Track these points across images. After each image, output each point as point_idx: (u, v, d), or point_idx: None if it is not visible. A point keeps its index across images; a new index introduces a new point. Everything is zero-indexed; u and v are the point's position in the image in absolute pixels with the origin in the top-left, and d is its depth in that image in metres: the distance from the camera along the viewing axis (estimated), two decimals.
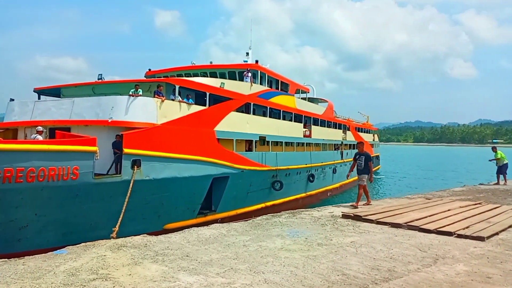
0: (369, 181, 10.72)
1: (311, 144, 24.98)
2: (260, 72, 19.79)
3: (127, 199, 10.69)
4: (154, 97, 12.58)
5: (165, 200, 12.64)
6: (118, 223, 10.16)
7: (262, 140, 18.67)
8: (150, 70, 20.31)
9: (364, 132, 41.97)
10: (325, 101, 31.67)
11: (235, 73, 19.10)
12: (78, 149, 9.99)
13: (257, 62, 19.85)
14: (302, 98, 26.28)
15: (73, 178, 9.90)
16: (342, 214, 8.77)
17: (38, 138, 11.01)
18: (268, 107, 19.37)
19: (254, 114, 18.10)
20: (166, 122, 12.59)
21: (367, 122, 48.47)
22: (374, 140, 47.32)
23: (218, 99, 15.49)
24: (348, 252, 5.80)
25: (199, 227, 7.59)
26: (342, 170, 28.02)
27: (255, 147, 17.84)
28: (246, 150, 17.41)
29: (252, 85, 18.19)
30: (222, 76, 18.86)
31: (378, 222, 7.94)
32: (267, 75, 20.64)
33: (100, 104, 12.15)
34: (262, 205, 18.05)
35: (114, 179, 11.08)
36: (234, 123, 16.10)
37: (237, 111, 16.51)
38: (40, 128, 11.44)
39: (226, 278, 4.59)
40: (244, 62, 20.30)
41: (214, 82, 15.94)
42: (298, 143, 22.92)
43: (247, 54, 22.04)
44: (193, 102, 14.12)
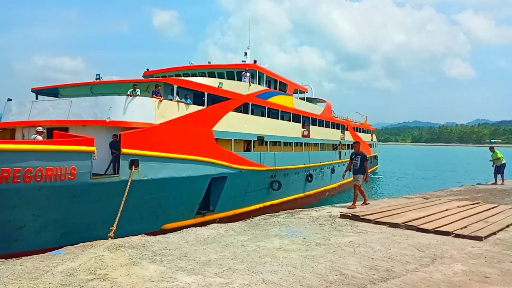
0: (364, 181, 10.63)
1: (310, 144, 24.99)
2: (258, 72, 19.79)
3: (124, 199, 10.68)
4: (152, 97, 12.56)
5: (163, 200, 12.62)
6: (116, 222, 10.15)
7: (261, 140, 18.67)
8: (148, 70, 20.29)
9: (362, 132, 42.02)
10: (323, 101, 31.69)
11: (234, 73, 19.09)
12: (76, 149, 9.97)
13: (255, 62, 19.85)
14: (300, 98, 26.28)
15: (71, 178, 9.88)
16: (340, 214, 8.78)
17: (38, 138, 10.99)
18: (266, 107, 19.37)
19: (252, 114, 18.09)
20: (164, 122, 12.57)
21: (365, 122, 48.53)
22: (372, 140, 47.39)
23: (217, 99, 15.47)
24: (346, 252, 5.81)
25: (197, 227, 7.58)
26: (340, 170, 28.04)
27: (254, 147, 17.83)
28: (245, 150, 17.40)
29: (250, 85, 18.18)
30: (221, 76, 18.85)
31: (376, 222, 7.95)
32: (266, 75, 20.64)
33: (98, 104, 12.13)
34: (261, 205, 18.05)
35: (112, 179, 11.06)
36: (233, 123, 16.09)
37: (235, 111, 16.50)
38: (40, 128, 11.41)
39: (224, 278, 4.59)
40: (242, 62, 20.31)
41: (213, 82, 15.93)
42: (297, 143, 22.93)
43: (246, 54, 22.04)
44: (191, 102, 14.10)
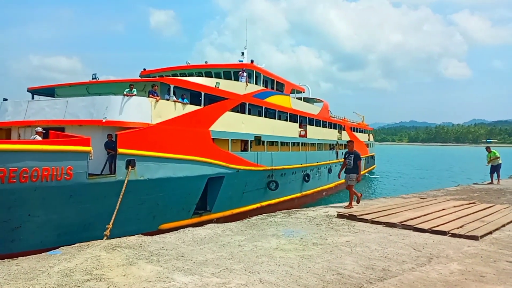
0: (356, 181, 10.38)
1: (307, 144, 25.02)
2: (255, 72, 19.79)
3: (120, 199, 10.65)
4: (149, 96, 12.54)
5: (160, 200, 12.60)
6: (112, 220, 10.16)
7: (258, 140, 18.67)
8: (145, 69, 20.25)
9: (359, 132, 42.12)
10: (320, 101, 31.74)
11: (231, 73, 19.08)
12: (72, 149, 9.93)
13: (252, 62, 19.85)
14: (297, 98, 26.31)
15: (67, 178, 9.84)
16: (337, 214, 8.79)
17: (38, 138, 10.95)
18: (263, 107, 19.37)
19: (249, 114, 18.09)
20: (160, 122, 12.54)
21: (362, 122, 48.64)
22: (369, 140, 47.50)
23: (213, 99, 15.46)
24: (343, 251, 5.81)
25: (194, 227, 7.56)
26: (337, 170, 28.03)
27: (251, 147, 17.83)
28: (242, 150, 17.40)
29: (247, 85, 18.18)
30: (217, 75, 18.84)
31: (373, 222, 7.97)
32: (263, 75, 20.64)
33: (94, 104, 12.08)
34: (258, 205, 18.05)
35: (108, 179, 11.03)
36: (229, 123, 16.08)
37: (232, 111, 16.49)
38: (39, 128, 11.37)
39: (221, 278, 4.58)
40: (239, 62, 20.31)
41: (209, 82, 15.91)
42: (294, 143, 22.95)
43: (243, 54, 22.04)
44: (188, 102, 14.08)
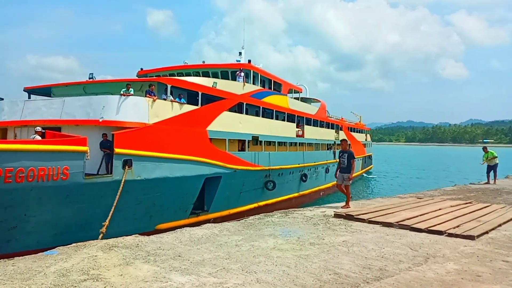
0: (348, 179, 10.20)
1: (304, 144, 25.04)
2: (253, 71, 19.79)
3: (117, 198, 10.63)
4: (146, 96, 12.51)
5: (157, 200, 12.58)
6: (109, 218, 10.21)
7: (255, 140, 18.67)
8: (142, 69, 20.20)
9: (356, 132, 42.19)
10: (317, 101, 31.78)
11: (228, 72, 19.08)
12: (69, 149, 9.90)
13: (249, 61, 19.85)
14: (295, 98, 26.34)
15: (63, 178, 9.81)
16: (334, 214, 8.80)
17: (37, 138, 10.92)
18: (261, 107, 19.38)
19: (247, 113, 18.08)
20: (157, 122, 12.52)
21: (360, 122, 48.73)
22: (366, 140, 47.60)
23: (211, 99, 15.44)
24: (340, 251, 5.82)
25: (191, 227, 7.55)
26: (334, 170, 28.12)
27: (248, 147, 17.83)
28: (239, 150, 17.39)
29: (244, 84, 18.17)
30: (215, 75, 18.83)
31: (370, 222, 7.98)
32: (260, 75, 20.64)
33: (91, 103, 12.04)
34: (255, 205, 18.05)
35: (105, 179, 11.00)
36: (227, 123, 16.07)
37: (229, 111, 16.48)
38: (38, 128, 11.33)
39: (218, 278, 4.58)
40: (237, 61, 20.30)
41: (207, 82, 15.90)
42: (291, 143, 22.97)
43: (240, 53, 22.05)
44: (185, 102, 14.06)
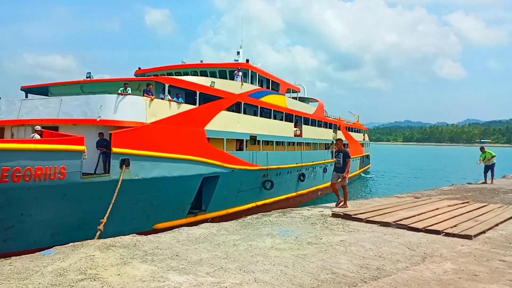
0: (342, 178, 10.06)
1: (302, 143, 25.06)
2: (251, 71, 19.79)
3: (115, 198, 10.62)
4: (144, 95, 12.49)
5: (154, 199, 12.56)
6: (107, 215, 10.27)
7: (253, 139, 18.67)
8: (140, 68, 20.17)
9: (354, 131, 42.24)
10: (315, 100, 31.81)
11: (226, 72, 19.07)
12: (66, 148, 9.87)
13: (248, 61, 19.85)
14: (293, 98, 26.35)
15: (60, 177, 9.78)
16: (332, 213, 8.81)
17: (36, 137, 10.88)
18: (259, 107, 19.38)
19: (244, 113, 18.09)
20: (155, 121, 12.50)
21: (358, 121, 48.81)
22: (364, 139, 47.69)
23: (209, 98, 15.43)
24: (337, 250, 5.83)
25: (189, 227, 7.54)
26: (332, 169, 28.15)
27: (246, 147, 17.83)
28: (237, 150, 17.39)
29: (242, 84, 18.17)
30: (213, 75, 18.81)
31: (367, 221, 7.99)
32: (258, 74, 20.64)
33: (88, 102, 12.02)
34: (253, 204, 18.06)
35: (102, 179, 10.97)
36: (225, 122, 16.06)
37: (227, 110, 16.47)
38: (38, 127, 11.30)
39: (215, 277, 4.57)
40: (235, 61, 20.30)
41: (205, 81, 15.89)
42: (289, 143, 22.98)
43: (238, 53, 22.04)
44: (183, 101, 14.04)
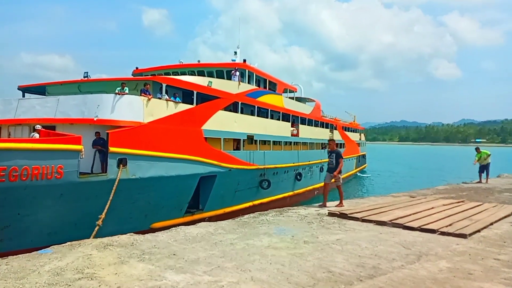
0: (333, 176, 10.04)
1: (299, 143, 25.11)
2: (248, 71, 19.80)
3: (111, 197, 10.61)
4: (141, 95, 12.48)
5: (152, 199, 12.56)
6: (105, 211, 10.32)
7: (250, 139, 18.69)
8: (137, 68, 20.14)
9: (351, 131, 42.35)
10: (312, 100, 31.86)
11: (223, 72, 19.07)
12: (63, 147, 9.86)
13: (245, 61, 19.86)
14: (289, 98, 26.39)
15: (57, 177, 9.77)
16: (328, 212, 8.85)
17: (36, 136, 10.85)
18: (256, 106, 19.40)
19: (242, 113, 18.10)
20: (152, 121, 12.50)
21: (354, 121, 48.93)
22: (360, 139, 47.81)
23: (206, 98, 15.44)
24: (334, 249, 5.86)
25: (187, 226, 7.56)
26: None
27: (243, 146, 17.85)
28: (234, 149, 17.41)
29: (240, 84, 18.18)
30: (210, 75, 18.81)
31: (363, 220, 8.04)
32: (255, 74, 20.66)
33: (85, 102, 12.00)
34: (250, 203, 18.08)
35: (99, 178, 10.96)
36: (222, 122, 16.07)
37: (225, 110, 16.49)
38: (38, 126, 11.28)
39: (213, 276, 4.60)
40: (232, 61, 20.30)
41: (202, 81, 15.89)
42: (286, 142, 23.02)
43: (235, 53, 22.05)
44: (180, 101, 14.05)
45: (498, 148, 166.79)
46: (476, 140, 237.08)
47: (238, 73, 18.38)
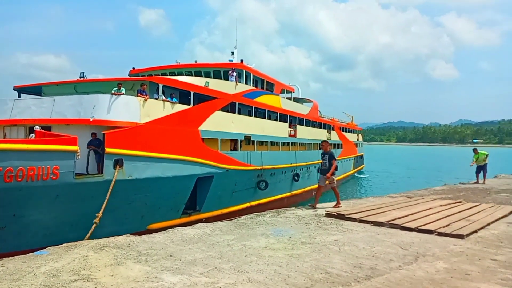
0: (326, 178, 9.98)
1: (296, 143, 25.11)
2: (245, 71, 19.79)
3: (107, 198, 10.57)
4: (137, 96, 12.44)
5: (148, 200, 12.51)
6: (102, 209, 10.27)
7: (247, 139, 18.67)
8: (134, 68, 20.08)
9: (348, 132, 42.41)
10: (310, 101, 31.89)
11: (220, 72, 19.05)
12: (59, 148, 9.80)
13: (242, 61, 19.85)
14: (287, 98, 26.39)
15: (53, 178, 9.71)
16: (326, 213, 8.84)
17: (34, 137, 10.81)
18: (253, 107, 19.38)
19: (239, 113, 18.09)
20: (149, 121, 12.45)
21: (352, 122, 49.01)
22: (358, 140, 47.89)
23: (203, 98, 15.40)
24: (331, 250, 5.85)
25: (183, 227, 7.53)
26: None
27: (240, 147, 17.82)
28: (231, 150, 17.38)
29: (237, 84, 18.16)
30: (207, 75, 18.79)
31: (361, 221, 8.04)
32: (253, 75, 20.65)
33: (82, 102, 11.95)
34: (247, 204, 18.05)
35: (95, 179, 10.91)
36: (219, 123, 16.04)
37: (222, 111, 16.46)
38: (37, 127, 11.22)
39: (210, 277, 4.58)
40: (229, 61, 20.30)
41: (199, 81, 15.86)
42: (283, 143, 23.01)
43: (233, 53, 22.05)
44: (177, 101, 14.01)
45: (495, 148, 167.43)
46: (473, 140, 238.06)
47: (235, 73, 18.36)
